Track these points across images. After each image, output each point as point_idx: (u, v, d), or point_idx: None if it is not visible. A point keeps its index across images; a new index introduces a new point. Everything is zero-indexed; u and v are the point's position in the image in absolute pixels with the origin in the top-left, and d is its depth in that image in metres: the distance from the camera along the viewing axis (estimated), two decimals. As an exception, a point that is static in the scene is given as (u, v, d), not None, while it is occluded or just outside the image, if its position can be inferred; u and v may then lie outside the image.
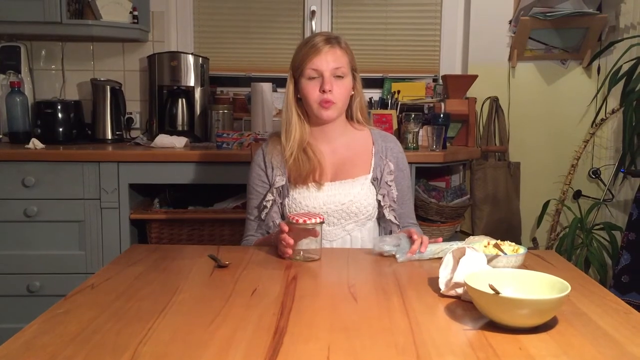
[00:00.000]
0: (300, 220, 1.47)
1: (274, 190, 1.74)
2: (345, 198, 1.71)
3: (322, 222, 1.49)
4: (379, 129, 1.91)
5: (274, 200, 1.74)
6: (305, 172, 1.71)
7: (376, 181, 1.76)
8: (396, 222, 1.76)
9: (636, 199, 2.56)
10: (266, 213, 1.76)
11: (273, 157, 1.76)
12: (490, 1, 3.05)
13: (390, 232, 1.76)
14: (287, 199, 1.73)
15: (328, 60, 1.65)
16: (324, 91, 1.65)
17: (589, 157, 3.15)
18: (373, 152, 1.78)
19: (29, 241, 2.53)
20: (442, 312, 1.14)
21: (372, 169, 1.77)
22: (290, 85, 1.72)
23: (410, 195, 1.83)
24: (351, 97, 1.76)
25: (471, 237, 1.52)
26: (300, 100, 1.73)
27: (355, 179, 1.74)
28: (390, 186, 1.76)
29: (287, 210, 1.74)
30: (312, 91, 1.67)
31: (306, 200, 1.72)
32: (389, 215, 1.75)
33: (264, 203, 1.75)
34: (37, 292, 2.54)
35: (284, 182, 1.73)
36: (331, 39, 1.68)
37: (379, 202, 1.76)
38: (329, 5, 3.17)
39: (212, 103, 2.99)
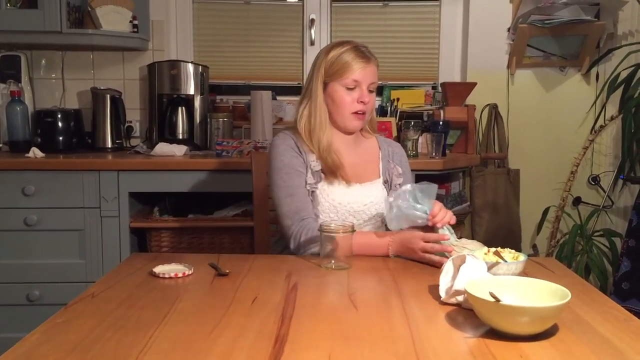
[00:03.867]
0: (332, 226, 1.50)
1: (315, 174, 1.73)
2: (367, 199, 1.75)
3: (353, 231, 1.50)
4: (383, 136, 1.96)
5: (311, 184, 1.73)
6: (335, 167, 1.72)
7: (387, 184, 1.82)
8: None
9: (636, 205, 2.56)
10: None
11: (303, 145, 1.75)
12: (489, 9, 3.06)
13: None
14: (316, 189, 1.73)
15: (368, 74, 1.72)
16: (362, 102, 1.71)
17: (588, 163, 3.16)
18: (380, 157, 1.85)
19: (29, 250, 2.53)
20: (442, 320, 1.14)
21: (381, 172, 1.83)
22: (320, 89, 1.74)
23: None
24: None
25: (464, 240, 1.53)
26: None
27: (372, 182, 1.79)
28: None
29: (316, 200, 1.72)
30: (348, 101, 1.72)
31: (334, 194, 1.72)
32: None
33: (307, 187, 1.73)
34: (37, 302, 2.53)
35: (320, 168, 1.74)
36: (367, 53, 1.73)
37: None
38: (328, 14, 3.18)
39: (211, 111, 3.00)
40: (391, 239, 1.60)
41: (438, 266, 1.46)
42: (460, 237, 1.62)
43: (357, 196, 1.74)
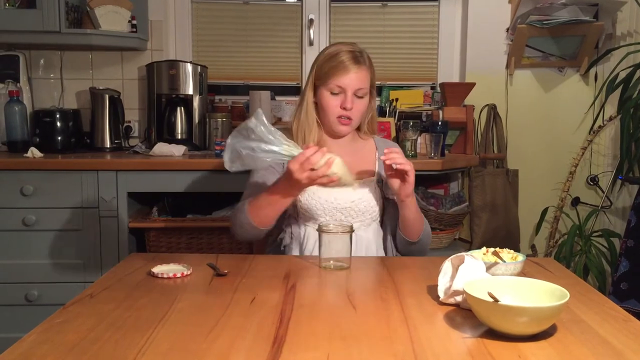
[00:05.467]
0: (331, 226, 1.49)
1: None
2: (354, 196, 1.74)
3: (352, 231, 1.50)
4: (381, 137, 1.96)
5: None
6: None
7: (381, 183, 1.81)
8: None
9: (634, 205, 2.56)
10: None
11: None
12: (488, 9, 3.06)
13: (393, 236, 1.79)
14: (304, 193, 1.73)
15: (353, 80, 1.70)
16: (344, 108, 1.70)
17: (587, 164, 3.16)
18: (377, 156, 1.84)
19: (27, 250, 2.53)
20: (441, 320, 1.14)
21: (376, 171, 1.82)
22: (310, 92, 1.76)
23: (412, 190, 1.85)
24: None
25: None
26: (316, 105, 1.77)
27: (363, 180, 1.78)
28: None
29: (299, 200, 1.72)
30: (333, 105, 1.72)
31: (319, 191, 1.72)
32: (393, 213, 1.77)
33: None
34: (35, 302, 2.53)
35: None
36: (359, 58, 1.71)
37: (386, 199, 1.79)
38: (327, 14, 3.18)
39: (210, 111, 3.00)
40: (279, 178, 1.59)
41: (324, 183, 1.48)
42: (458, 238, 1.61)
43: (344, 192, 1.73)
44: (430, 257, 1.68)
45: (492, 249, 1.42)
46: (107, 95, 2.90)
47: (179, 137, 2.89)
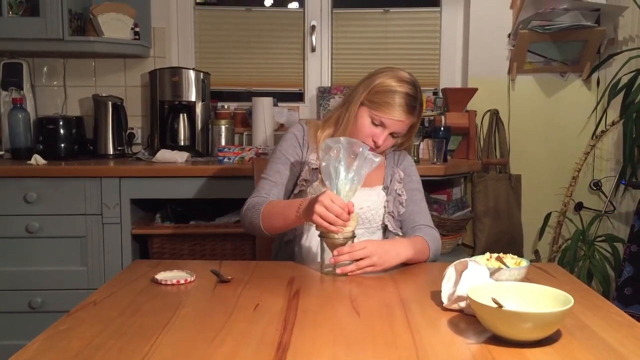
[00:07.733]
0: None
1: (311, 171, 1.76)
2: (363, 203, 1.74)
3: (353, 237, 1.50)
4: None
5: (306, 181, 1.76)
6: None
7: (387, 189, 1.81)
8: (392, 229, 1.77)
9: (638, 210, 2.56)
10: (298, 192, 1.77)
11: (311, 141, 1.80)
12: (489, 15, 3.07)
13: None
14: (310, 188, 1.75)
15: (396, 124, 1.71)
16: (375, 141, 1.72)
17: (589, 169, 3.16)
18: (385, 164, 1.85)
19: (30, 257, 2.53)
20: (445, 326, 1.14)
21: (384, 178, 1.83)
22: (355, 105, 1.73)
23: (421, 197, 1.83)
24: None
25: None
26: None
27: (372, 188, 1.79)
28: (400, 195, 1.79)
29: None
30: (366, 132, 1.71)
31: None
32: (387, 220, 1.77)
33: (299, 182, 1.77)
34: (39, 309, 2.53)
35: (317, 166, 1.75)
36: (412, 108, 1.70)
37: (384, 207, 1.78)
38: (329, 20, 3.19)
39: (213, 118, 3.00)
40: (305, 199, 1.58)
41: (327, 228, 1.46)
42: (461, 244, 1.60)
43: (352, 198, 1.73)
44: (433, 262, 1.68)
45: (495, 255, 1.41)
46: (110, 102, 2.91)
47: (182, 144, 2.90)
